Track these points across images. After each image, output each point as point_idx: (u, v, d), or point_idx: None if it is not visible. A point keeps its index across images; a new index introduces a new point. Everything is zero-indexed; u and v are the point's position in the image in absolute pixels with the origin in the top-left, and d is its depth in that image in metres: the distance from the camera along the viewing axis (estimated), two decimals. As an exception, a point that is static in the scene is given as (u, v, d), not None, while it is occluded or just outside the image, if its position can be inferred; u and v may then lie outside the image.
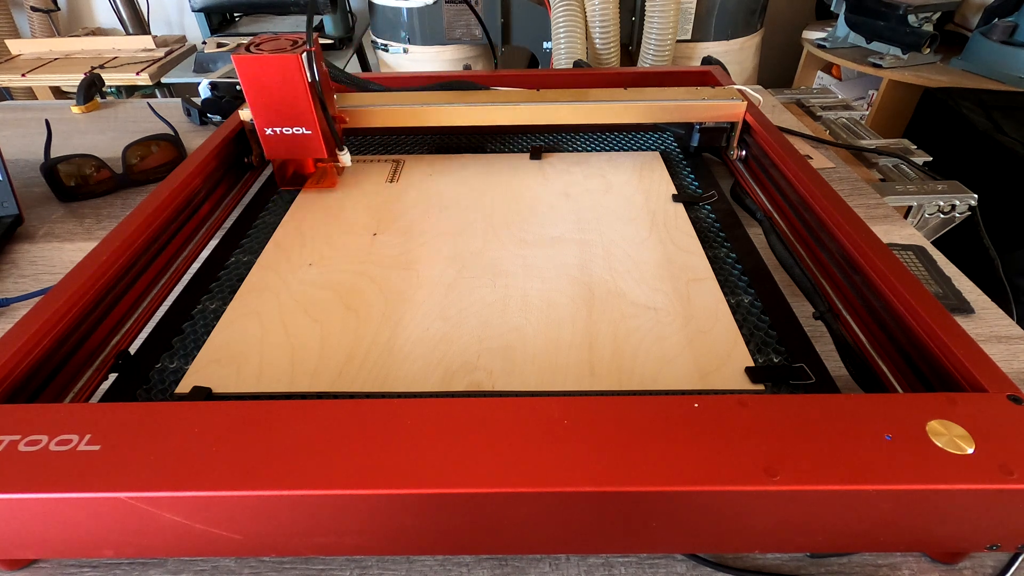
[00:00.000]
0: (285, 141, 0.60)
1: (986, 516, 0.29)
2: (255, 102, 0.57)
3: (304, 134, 0.59)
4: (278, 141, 0.60)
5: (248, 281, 0.50)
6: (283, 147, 0.60)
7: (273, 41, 0.56)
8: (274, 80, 0.55)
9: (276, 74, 0.55)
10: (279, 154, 0.61)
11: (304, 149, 0.60)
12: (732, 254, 0.53)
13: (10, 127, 0.95)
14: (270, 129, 0.59)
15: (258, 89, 0.56)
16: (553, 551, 0.35)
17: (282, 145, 0.60)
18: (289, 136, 0.59)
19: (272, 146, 0.60)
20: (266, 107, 0.57)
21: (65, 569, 0.35)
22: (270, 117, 0.58)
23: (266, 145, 0.60)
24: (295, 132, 0.59)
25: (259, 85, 0.56)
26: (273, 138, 0.59)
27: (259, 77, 0.55)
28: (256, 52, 0.54)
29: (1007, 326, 0.51)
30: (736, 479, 0.27)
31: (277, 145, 0.60)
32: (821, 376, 0.39)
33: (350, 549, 0.33)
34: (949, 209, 0.73)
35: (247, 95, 0.57)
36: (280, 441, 0.29)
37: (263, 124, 0.59)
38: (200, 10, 1.58)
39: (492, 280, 0.49)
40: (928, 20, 1.40)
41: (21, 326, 0.37)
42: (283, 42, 0.56)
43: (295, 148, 0.60)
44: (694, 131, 0.69)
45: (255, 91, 0.56)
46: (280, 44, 0.55)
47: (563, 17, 1.24)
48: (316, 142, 0.59)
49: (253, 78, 0.55)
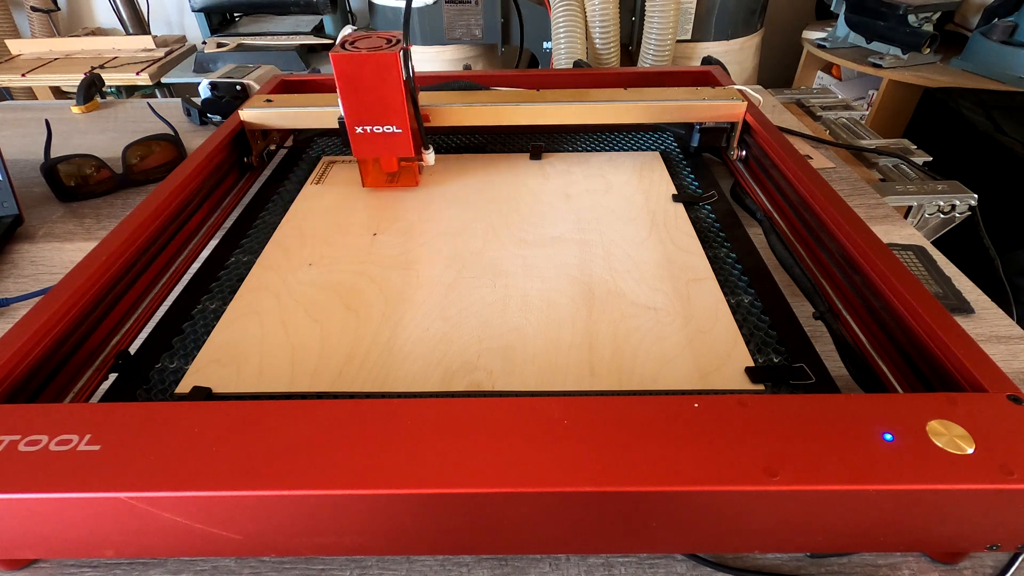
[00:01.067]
0: (375, 140, 0.59)
1: (986, 516, 0.29)
2: (349, 100, 0.56)
3: (395, 132, 0.58)
4: (368, 140, 0.59)
5: (248, 281, 0.50)
6: (372, 146, 0.60)
7: (367, 39, 0.56)
8: (369, 78, 0.55)
9: (372, 72, 0.54)
10: (367, 153, 0.60)
11: (393, 147, 0.60)
12: (732, 254, 0.53)
13: (10, 127, 0.95)
14: (360, 128, 0.58)
15: (353, 87, 0.55)
16: (553, 551, 0.35)
17: (372, 144, 0.59)
18: (379, 135, 0.59)
19: (361, 145, 0.60)
20: (359, 105, 0.57)
21: (65, 569, 0.35)
22: (362, 115, 0.57)
23: (355, 143, 0.60)
24: (385, 131, 0.58)
25: (354, 83, 0.55)
26: (363, 136, 0.59)
27: (355, 75, 0.55)
28: (352, 50, 0.54)
29: (1007, 326, 0.51)
30: (736, 479, 0.27)
31: (366, 144, 0.59)
32: (821, 376, 0.39)
33: (350, 549, 0.33)
34: (949, 209, 0.73)
35: (341, 93, 0.56)
36: (280, 441, 0.29)
37: (354, 122, 0.58)
38: (200, 10, 1.58)
39: (492, 280, 0.49)
40: (928, 20, 1.40)
41: (21, 326, 0.37)
42: (376, 40, 0.55)
43: (384, 146, 0.60)
44: (694, 131, 0.69)
45: (350, 89, 0.56)
46: (375, 42, 0.55)
47: (563, 17, 1.24)
48: (405, 141, 0.59)
49: (348, 76, 0.55)
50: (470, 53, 1.45)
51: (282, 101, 0.68)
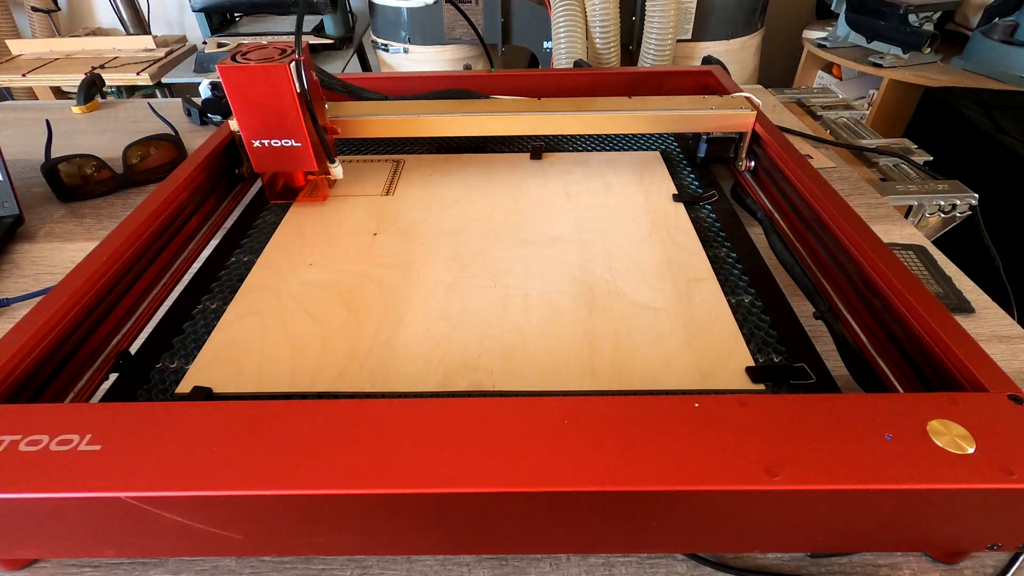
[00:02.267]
0: (274, 153, 0.57)
1: (987, 516, 0.29)
2: (242, 113, 0.55)
3: (293, 146, 0.57)
4: (266, 154, 0.57)
5: (248, 281, 0.50)
6: (272, 160, 0.58)
7: (260, 49, 0.54)
8: (261, 90, 0.53)
9: (263, 84, 0.53)
10: (268, 167, 0.59)
11: (294, 162, 0.58)
12: (733, 254, 0.53)
13: (10, 127, 0.95)
14: (258, 141, 0.57)
15: (245, 100, 0.54)
16: (553, 551, 0.35)
17: (271, 158, 0.58)
18: (278, 148, 0.57)
19: (260, 159, 0.58)
20: (253, 118, 0.55)
21: (65, 569, 0.35)
22: (258, 128, 0.56)
23: (254, 158, 0.58)
24: (284, 144, 0.57)
25: (245, 96, 0.54)
26: (261, 150, 0.57)
27: (245, 87, 0.53)
28: (242, 61, 0.52)
29: (1008, 326, 0.51)
30: (736, 479, 0.27)
31: (266, 158, 0.58)
32: (821, 376, 0.39)
33: (350, 549, 0.33)
34: (950, 209, 0.73)
35: (233, 106, 0.54)
36: (280, 441, 0.29)
37: (250, 136, 0.56)
38: (200, 10, 1.58)
39: (493, 280, 0.49)
40: (929, 19, 1.40)
41: (21, 326, 0.37)
42: (271, 50, 0.54)
43: (285, 161, 0.58)
44: (701, 141, 0.67)
45: (241, 102, 0.54)
46: (268, 53, 0.53)
47: (563, 17, 1.24)
48: (306, 154, 0.57)
49: (239, 88, 0.53)
50: (470, 53, 1.45)
51: None
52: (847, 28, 1.52)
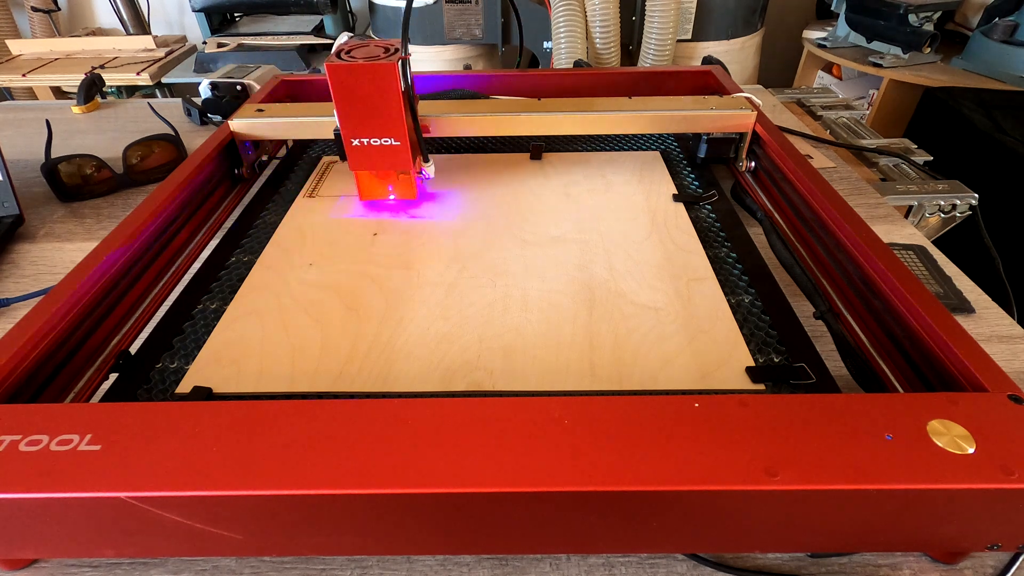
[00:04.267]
0: (372, 152, 0.56)
1: (987, 516, 0.29)
2: (345, 111, 0.54)
3: (392, 145, 0.56)
4: (364, 152, 0.56)
5: (248, 281, 0.50)
6: (369, 159, 0.57)
7: (363, 47, 0.53)
8: (367, 89, 0.52)
9: (369, 83, 0.52)
10: (364, 166, 0.58)
11: (390, 160, 0.57)
12: (732, 254, 0.53)
13: (10, 127, 0.95)
14: (357, 140, 0.55)
15: (349, 98, 0.53)
16: (553, 551, 0.35)
17: (368, 156, 0.57)
18: (376, 147, 0.56)
19: (358, 157, 0.57)
20: (356, 117, 0.54)
21: (65, 569, 0.35)
22: (358, 127, 0.55)
23: (351, 156, 0.57)
24: (383, 143, 0.56)
25: (351, 94, 0.53)
26: (359, 149, 0.56)
27: (351, 85, 0.52)
28: (347, 60, 0.51)
29: (1008, 326, 0.51)
30: (736, 479, 0.27)
31: (363, 156, 0.57)
32: (821, 376, 0.39)
33: (350, 549, 0.33)
34: (950, 209, 0.73)
35: (337, 104, 0.53)
36: (280, 441, 0.29)
37: (350, 135, 0.55)
38: (200, 10, 1.58)
39: (492, 280, 0.49)
40: (929, 19, 1.40)
41: (21, 326, 0.37)
42: (373, 48, 0.53)
43: (382, 159, 0.57)
44: (701, 142, 0.66)
45: (346, 100, 0.53)
46: (372, 51, 0.52)
47: (563, 17, 1.23)
48: (404, 153, 0.56)
49: (344, 86, 0.52)
50: (470, 53, 1.45)
51: (274, 111, 0.66)
52: (847, 28, 1.52)
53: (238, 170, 0.66)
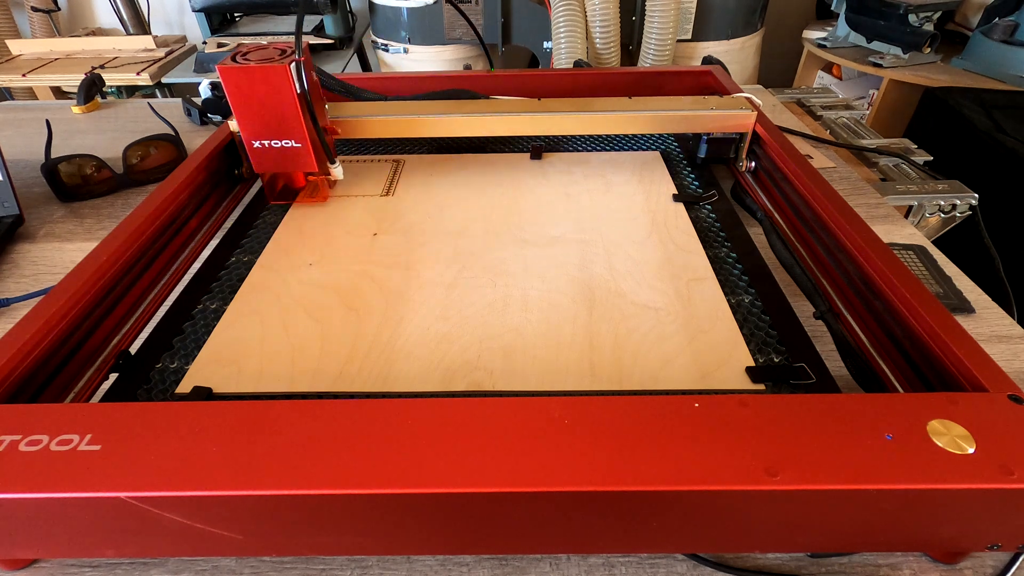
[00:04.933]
0: (274, 154, 0.57)
1: (987, 516, 0.29)
2: (242, 114, 0.55)
3: (294, 147, 0.57)
4: (266, 154, 0.57)
5: (248, 281, 0.50)
6: (272, 160, 0.58)
7: (260, 50, 0.54)
8: (261, 91, 0.53)
9: (263, 85, 0.53)
10: (268, 168, 0.59)
11: (294, 162, 0.58)
12: (732, 254, 0.53)
13: (10, 127, 0.95)
14: (258, 142, 0.57)
15: (245, 100, 0.54)
16: (553, 551, 0.35)
17: (271, 158, 0.58)
18: (278, 149, 0.57)
19: (260, 159, 0.58)
20: (253, 119, 0.55)
21: (65, 569, 0.35)
22: (258, 129, 0.56)
23: (254, 158, 0.58)
24: (284, 145, 0.57)
25: (246, 96, 0.53)
26: (261, 151, 0.57)
27: (245, 88, 0.53)
28: (242, 62, 0.52)
29: (1008, 326, 0.51)
30: (736, 479, 0.27)
31: (266, 158, 0.58)
32: (821, 376, 0.39)
33: (350, 549, 0.33)
34: (950, 209, 0.73)
35: (233, 106, 0.54)
36: (280, 441, 0.29)
37: (250, 136, 0.56)
38: (200, 10, 1.58)
39: (492, 280, 0.49)
40: (929, 19, 1.40)
41: (22, 326, 0.37)
42: (271, 51, 0.54)
43: (284, 161, 0.58)
44: (701, 142, 0.66)
45: (241, 102, 0.54)
46: (268, 53, 0.53)
47: (563, 17, 1.23)
48: (306, 155, 0.57)
49: (239, 89, 0.53)
50: (470, 53, 1.45)
51: None
52: (847, 28, 1.52)
53: (238, 170, 0.66)
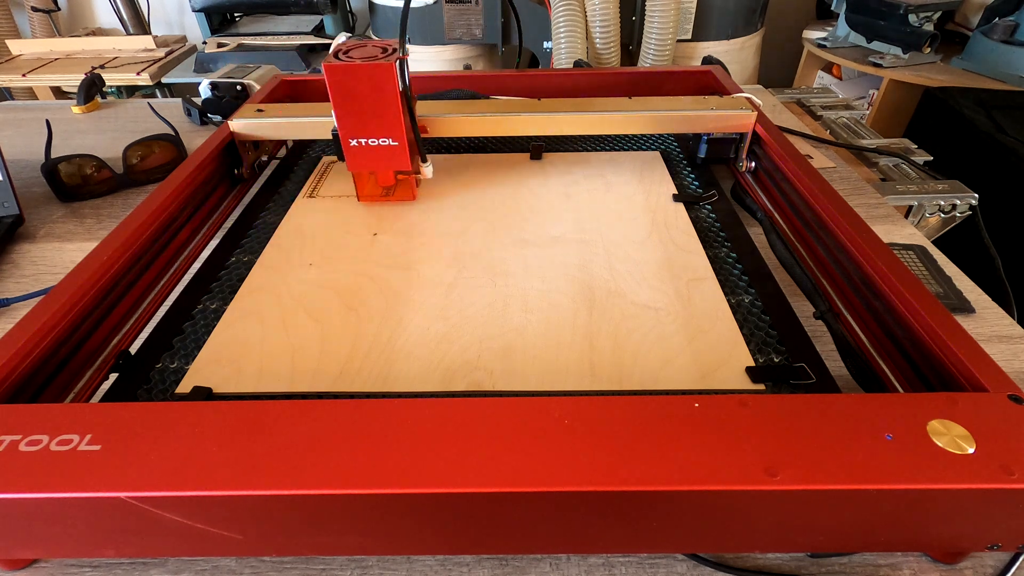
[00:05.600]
0: (369, 153, 0.57)
1: (987, 516, 0.29)
2: (343, 112, 0.54)
3: (390, 145, 0.56)
4: (362, 153, 0.57)
5: (249, 281, 0.50)
6: (367, 159, 0.57)
7: (360, 48, 0.53)
8: (365, 89, 0.52)
9: (367, 83, 0.52)
10: (362, 166, 0.58)
11: (388, 161, 0.57)
12: (732, 254, 0.53)
13: (10, 127, 0.95)
14: (355, 140, 0.56)
15: (348, 98, 0.53)
16: (553, 551, 0.35)
17: (366, 157, 0.57)
18: (375, 148, 0.56)
19: (355, 158, 0.57)
20: (354, 117, 0.54)
21: (65, 569, 0.35)
22: (357, 127, 0.55)
23: (349, 157, 0.57)
24: (381, 143, 0.56)
25: (349, 94, 0.53)
26: (357, 149, 0.56)
27: (349, 86, 0.52)
28: (345, 60, 0.52)
29: (1008, 326, 0.51)
30: (736, 479, 0.27)
31: (360, 157, 0.57)
32: (821, 376, 0.39)
33: (350, 549, 0.33)
34: (950, 209, 0.73)
35: (335, 104, 0.54)
36: (280, 441, 0.29)
37: (348, 135, 0.56)
38: (200, 10, 1.58)
39: (492, 280, 0.49)
40: (929, 19, 1.40)
41: (22, 326, 0.37)
42: (371, 49, 0.53)
43: (379, 160, 0.57)
44: (701, 142, 0.66)
45: (344, 100, 0.53)
46: (370, 51, 0.53)
47: (563, 17, 1.23)
48: (402, 153, 0.57)
49: (343, 87, 0.52)
50: (470, 53, 1.45)
51: (274, 111, 0.66)
52: (847, 28, 1.52)
53: (238, 170, 0.66)
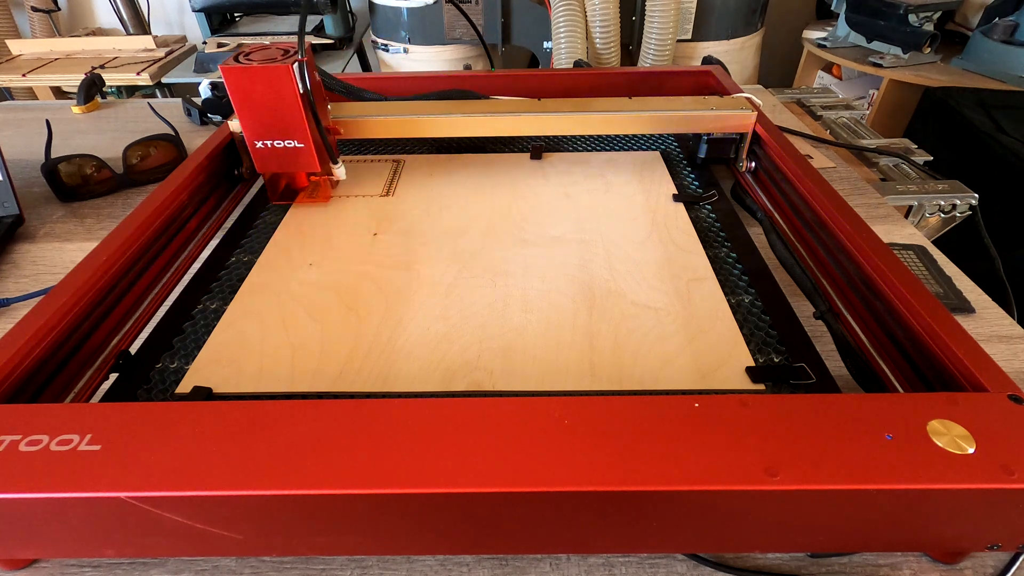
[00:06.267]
0: (276, 154, 0.57)
1: (987, 516, 0.29)
2: (244, 114, 0.55)
3: (296, 147, 0.57)
4: (269, 154, 0.57)
5: (248, 281, 0.50)
6: (274, 160, 0.58)
7: (263, 51, 0.54)
8: (263, 91, 0.53)
9: (265, 85, 0.53)
10: (270, 168, 0.59)
11: (296, 162, 0.58)
12: (732, 254, 0.53)
13: (10, 127, 0.95)
14: (260, 142, 0.57)
15: (247, 101, 0.54)
16: (553, 551, 0.35)
17: (273, 158, 0.58)
18: (280, 149, 0.57)
19: (263, 159, 0.58)
20: (256, 119, 0.55)
21: (65, 569, 0.35)
22: (260, 129, 0.56)
23: (256, 159, 0.58)
24: (287, 145, 0.57)
25: (248, 96, 0.54)
26: (264, 151, 0.57)
27: (248, 88, 0.53)
28: (245, 62, 0.52)
29: (1007, 326, 0.51)
30: (736, 479, 0.27)
31: (268, 158, 0.58)
32: (821, 376, 0.39)
33: (350, 549, 0.33)
34: (949, 209, 0.73)
35: (235, 106, 0.54)
36: (280, 441, 0.29)
37: (253, 137, 0.56)
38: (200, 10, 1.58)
39: (492, 280, 0.49)
40: (929, 19, 1.40)
41: (22, 326, 0.37)
42: (274, 51, 0.54)
43: (287, 161, 0.58)
44: (701, 142, 0.66)
45: (244, 103, 0.54)
46: (270, 54, 0.53)
47: (563, 17, 1.23)
48: (308, 155, 0.57)
49: (242, 89, 0.53)
50: (470, 53, 1.45)
51: None
52: (847, 28, 1.52)
53: (238, 170, 0.66)
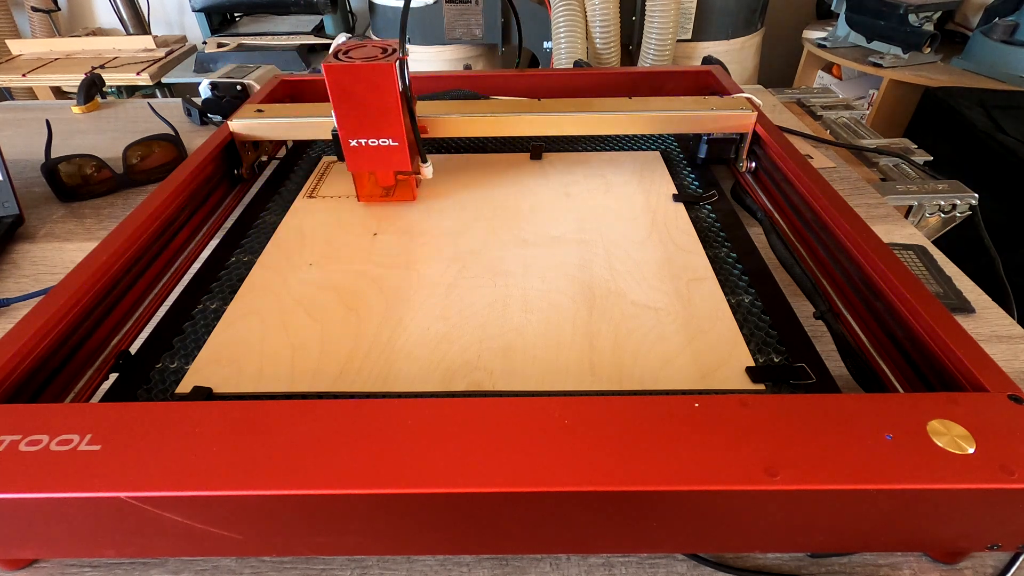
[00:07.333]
0: (369, 153, 0.57)
1: (987, 516, 0.29)
2: (342, 112, 0.54)
3: (390, 146, 0.56)
4: (362, 153, 0.57)
5: (249, 281, 0.50)
6: (367, 159, 0.57)
7: (360, 48, 0.53)
8: (365, 89, 0.52)
9: (368, 83, 0.52)
10: (362, 166, 0.58)
11: (389, 161, 0.57)
12: (732, 254, 0.53)
13: (10, 127, 0.95)
14: (355, 140, 0.56)
15: (347, 98, 0.53)
16: (553, 551, 0.35)
17: (366, 157, 0.57)
18: (374, 148, 0.56)
19: (355, 158, 0.57)
20: (354, 117, 0.55)
21: (65, 569, 0.35)
22: (356, 128, 0.55)
23: (349, 157, 0.57)
24: (380, 144, 0.56)
25: (349, 94, 0.53)
26: (357, 150, 0.57)
27: (349, 86, 0.52)
28: (346, 60, 0.52)
29: (1007, 326, 0.51)
30: (736, 479, 0.27)
31: (361, 157, 0.57)
32: (821, 376, 0.39)
33: (350, 549, 0.33)
34: (949, 208, 0.73)
35: (335, 104, 0.54)
36: (280, 441, 0.29)
37: (348, 135, 0.56)
38: (200, 10, 1.58)
39: (492, 280, 0.49)
40: (929, 19, 1.40)
41: (22, 326, 0.37)
42: (371, 49, 0.53)
43: (379, 160, 0.57)
44: (701, 142, 0.66)
45: (344, 100, 0.53)
46: (370, 51, 0.53)
47: (563, 17, 1.23)
48: (401, 154, 0.57)
49: (342, 87, 0.52)
50: (470, 53, 1.45)
51: (273, 111, 0.66)
52: (847, 28, 1.52)
53: (238, 170, 0.66)
